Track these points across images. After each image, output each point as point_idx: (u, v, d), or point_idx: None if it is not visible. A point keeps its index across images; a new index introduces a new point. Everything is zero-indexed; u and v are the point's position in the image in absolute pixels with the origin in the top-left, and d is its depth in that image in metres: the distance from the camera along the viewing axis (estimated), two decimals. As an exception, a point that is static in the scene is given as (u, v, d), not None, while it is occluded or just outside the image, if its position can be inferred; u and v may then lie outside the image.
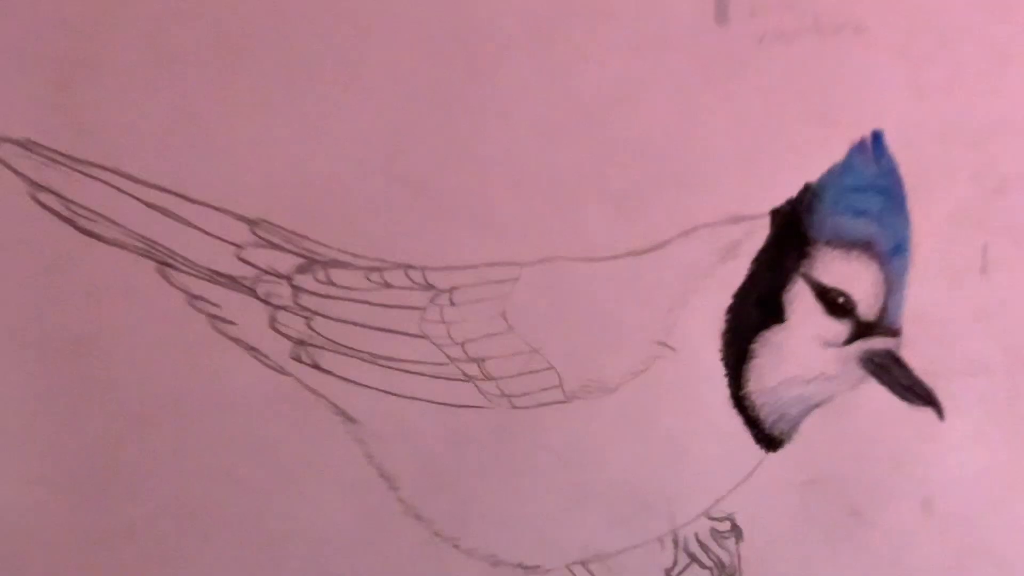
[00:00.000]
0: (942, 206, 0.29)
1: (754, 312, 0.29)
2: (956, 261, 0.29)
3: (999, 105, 0.29)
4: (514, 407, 0.28)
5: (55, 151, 0.27)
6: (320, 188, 0.28)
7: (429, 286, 0.28)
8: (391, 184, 0.28)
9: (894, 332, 0.29)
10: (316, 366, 0.28)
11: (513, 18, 0.27)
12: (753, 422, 0.29)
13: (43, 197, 0.26)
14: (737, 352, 0.29)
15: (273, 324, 0.28)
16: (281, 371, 0.28)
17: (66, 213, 0.27)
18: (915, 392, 0.29)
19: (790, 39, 0.28)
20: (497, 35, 0.27)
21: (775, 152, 0.28)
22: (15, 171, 0.26)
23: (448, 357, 0.28)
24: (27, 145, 0.26)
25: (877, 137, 0.28)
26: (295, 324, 0.28)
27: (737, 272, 0.29)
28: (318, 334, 0.28)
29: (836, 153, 0.29)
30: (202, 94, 0.27)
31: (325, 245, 0.28)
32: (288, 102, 0.27)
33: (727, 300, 0.29)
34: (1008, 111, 0.29)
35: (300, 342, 0.28)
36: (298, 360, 0.28)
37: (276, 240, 0.27)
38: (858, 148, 0.28)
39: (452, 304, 0.28)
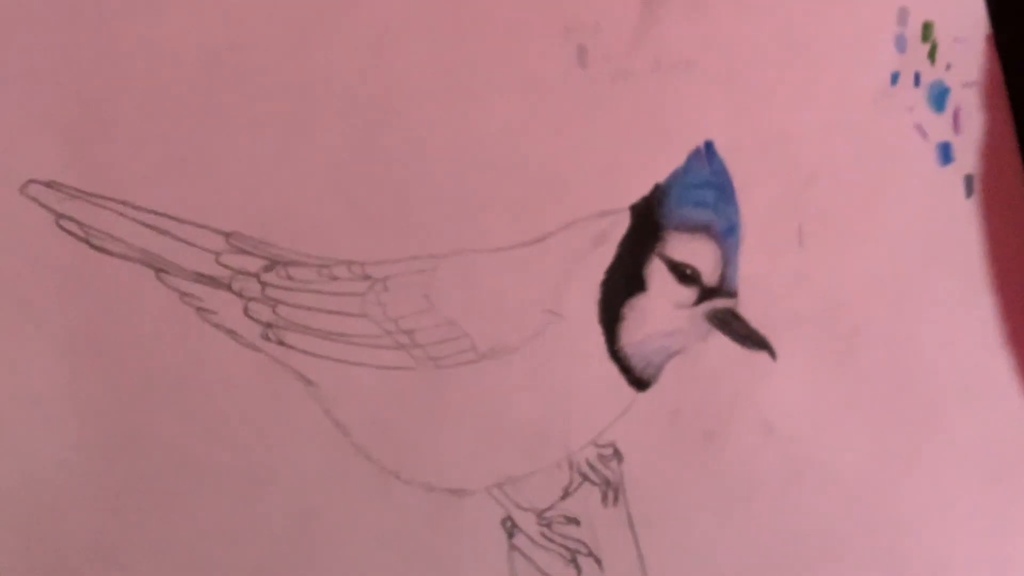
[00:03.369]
0: (763, 196, 0.35)
1: (622, 284, 0.34)
2: (777, 238, 0.36)
3: (805, 114, 0.36)
4: (438, 367, 0.34)
5: (74, 188, 0.32)
6: (279, 207, 0.33)
7: (367, 276, 0.33)
8: (335, 202, 0.33)
9: (732, 294, 0.35)
10: (281, 343, 0.33)
11: (422, 71, 0.33)
12: (626, 369, 0.35)
13: (65, 224, 0.32)
14: (610, 316, 0.34)
15: (246, 312, 0.33)
16: (254, 348, 0.33)
17: (82, 235, 0.32)
18: (752, 339, 0.35)
19: (637, 77, 0.34)
20: (411, 86, 0.33)
21: (631, 162, 0.34)
22: (43, 205, 0.32)
23: (384, 331, 0.33)
24: (51, 185, 0.32)
25: (709, 146, 0.35)
26: (263, 311, 0.33)
27: (607, 255, 0.34)
28: (282, 318, 0.33)
29: (678, 160, 0.35)
30: (187, 140, 0.32)
31: (285, 249, 0.33)
32: (252, 145, 0.33)
33: (600, 276, 0.35)
34: (811, 120, 0.36)
35: (268, 325, 0.33)
36: (267, 339, 0.33)
37: (246, 247, 0.33)
38: (695, 155, 0.35)
39: (386, 289, 0.33)
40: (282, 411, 0.34)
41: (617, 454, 0.35)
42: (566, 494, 0.35)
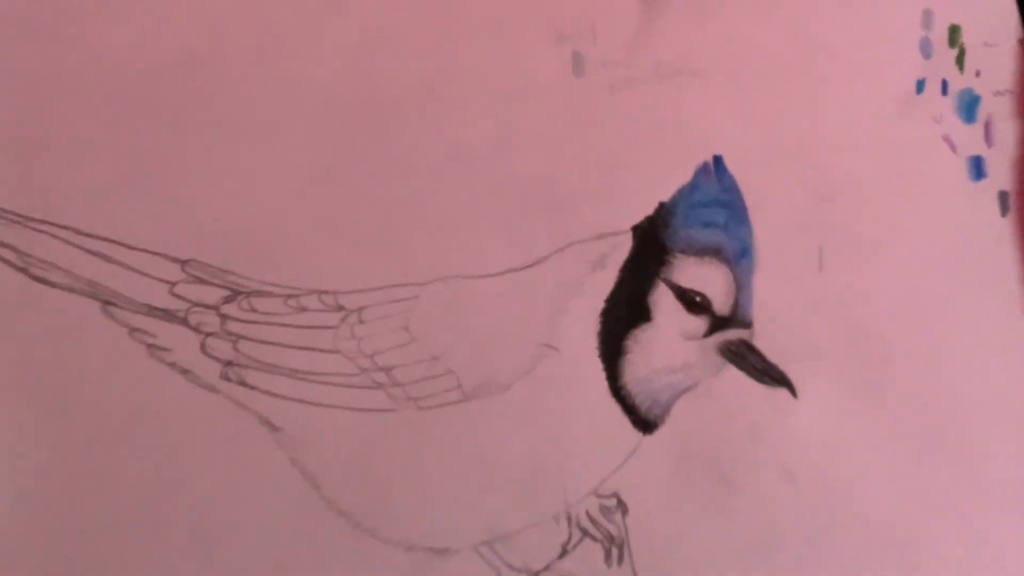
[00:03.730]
0: (779, 215, 0.35)
1: (624, 314, 0.34)
2: (795, 261, 0.35)
3: (823, 127, 0.37)
4: (420, 408, 0.33)
5: (11, 212, 0.31)
6: (242, 230, 0.33)
7: (340, 307, 0.33)
8: (305, 224, 0.33)
9: (746, 324, 0.34)
10: (243, 383, 0.32)
11: (406, 80, 0.33)
12: (630, 409, 0.34)
13: (1, 252, 0.31)
14: (612, 349, 0.34)
15: (204, 349, 0.32)
16: (212, 390, 0.32)
17: (20, 264, 0.31)
18: (769, 374, 0.35)
19: (636, 84, 0.34)
20: (394, 95, 0.33)
21: (632, 179, 0.35)
22: (-25, 232, 0.31)
23: (359, 368, 0.32)
24: (-15, 209, 0.31)
25: (718, 160, 0.35)
26: (223, 348, 0.32)
27: (607, 281, 0.34)
28: (244, 355, 0.32)
29: (684, 176, 0.35)
30: (137, 158, 0.32)
31: (247, 278, 0.33)
32: (213, 161, 0.32)
33: (600, 304, 0.34)
34: (831, 132, 0.37)
35: (228, 363, 0.32)
36: (226, 379, 0.32)
37: (204, 276, 0.32)
38: (702, 170, 0.35)
39: (361, 322, 0.33)
40: (244, 460, 0.33)
41: (621, 505, 0.34)
42: (564, 552, 0.34)
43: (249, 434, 0.32)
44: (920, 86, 0.36)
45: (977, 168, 0.36)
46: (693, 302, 0.33)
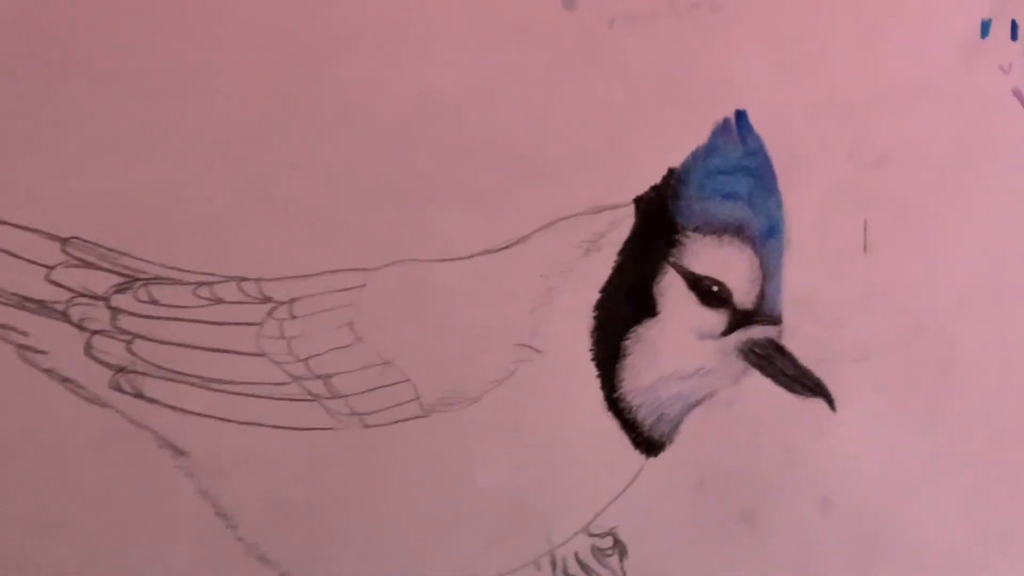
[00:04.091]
0: (817, 184, 0.33)
1: (623, 307, 0.32)
2: (836, 240, 0.33)
3: (871, 77, 0.33)
4: (367, 426, 0.30)
5: None
6: (140, 199, 0.29)
7: (266, 299, 0.30)
8: (221, 192, 0.30)
9: (774, 319, 0.32)
10: (139, 395, 0.29)
11: (354, 14, 0.30)
12: (630, 425, 0.32)
13: None
14: (608, 351, 0.31)
15: (89, 351, 0.29)
16: (100, 403, 0.29)
17: None
18: (802, 382, 0.32)
19: (643, 20, 0.31)
20: (338, 32, 0.30)
21: (635, 138, 0.32)
22: None
23: (290, 375, 0.30)
24: None
25: (741, 116, 0.32)
26: (114, 349, 0.29)
27: (602, 265, 0.32)
28: (140, 359, 0.29)
29: (699, 136, 0.32)
30: (8, 113, 0.28)
31: (147, 261, 0.29)
32: (102, 107, 0.29)
33: (594, 296, 0.32)
34: (881, 83, 0.33)
35: (120, 369, 0.29)
36: (118, 389, 0.29)
37: (91, 259, 0.29)
38: (721, 129, 0.32)
39: (292, 317, 0.30)
40: (140, 492, 0.30)
41: (619, 546, 0.32)
42: (548, 608, 0.32)
43: (147, 459, 0.30)
44: (985, 29, 0.34)
45: (1054, 127, 0.35)
46: (709, 292, 0.31)
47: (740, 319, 0.32)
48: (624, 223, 0.32)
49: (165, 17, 0.29)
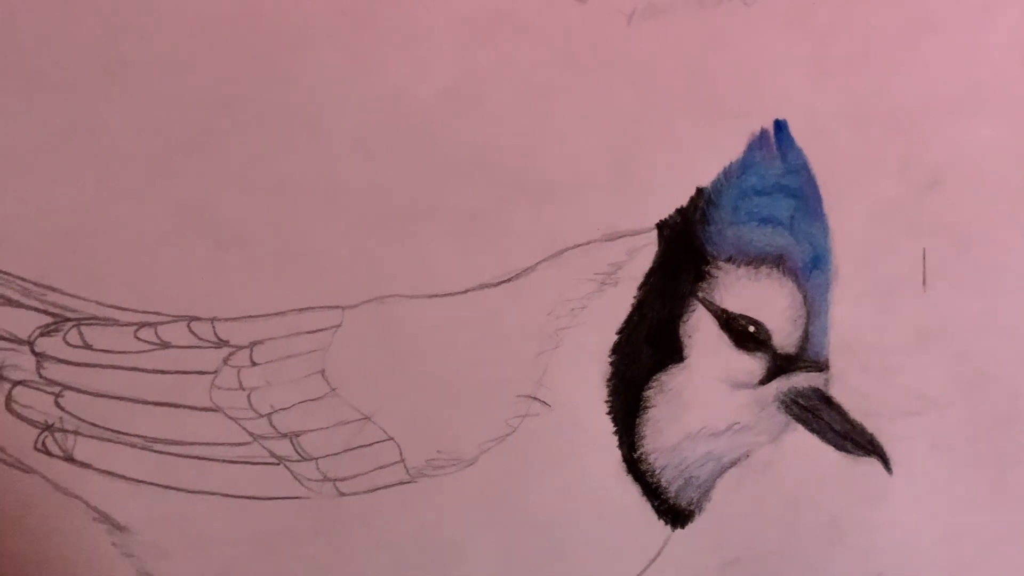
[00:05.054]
0: (866, 206, 0.31)
1: (645, 351, 0.30)
2: (889, 273, 0.31)
3: (925, 81, 0.31)
4: (342, 494, 0.29)
5: None
6: (70, 223, 0.28)
7: (221, 342, 0.29)
8: (166, 213, 0.28)
9: (820, 365, 0.30)
10: (69, 458, 0.28)
11: (315, 3, 0.28)
12: (653, 491, 0.30)
13: None
14: (627, 403, 0.30)
15: (10, 405, 0.28)
16: (23, 468, 0.28)
17: None
18: (853, 439, 0.31)
19: (666, 13, 0.30)
20: (296, 22, 0.28)
21: (657, 152, 0.30)
22: None
23: (250, 434, 0.29)
24: None
25: (780, 127, 0.30)
26: (39, 403, 0.28)
27: (620, 302, 0.30)
28: (71, 415, 0.28)
29: (732, 150, 0.30)
30: None
31: (79, 298, 0.28)
32: (23, 113, 0.28)
33: (610, 338, 0.30)
34: (935, 88, 0.31)
35: (47, 427, 0.28)
36: (45, 452, 0.28)
37: (11, 294, 0.28)
38: (758, 142, 0.30)
39: (253, 364, 0.29)
40: (68, 574, 0.28)
41: None
42: None
43: (79, 535, 0.28)
44: None
45: None
46: (745, 333, 0.30)
47: (781, 365, 0.30)
48: (645, 252, 0.30)
49: (93, 5, 0.27)
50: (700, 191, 0.30)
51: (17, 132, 0.28)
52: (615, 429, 0.30)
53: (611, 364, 0.30)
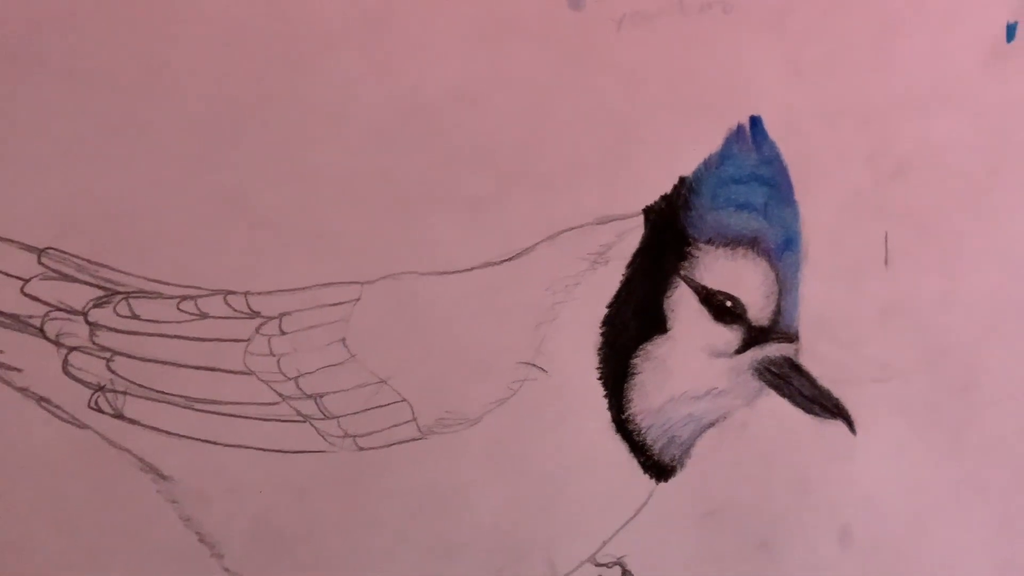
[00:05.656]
0: (835, 194, 0.32)
1: (633, 323, 0.31)
2: (855, 254, 0.33)
3: (890, 80, 0.33)
4: (361, 448, 0.30)
5: None
6: (120, 208, 0.29)
7: (253, 313, 0.29)
8: (204, 199, 0.29)
9: (791, 336, 0.32)
10: (119, 415, 0.29)
11: (338, 8, 0.30)
12: (640, 448, 0.31)
13: None
14: (616, 369, 0.31)
15: (66, 368, 0.29)
16: (78, 424, 0.29)
17: None
18: (821, 403, 0.32)
19: (652, 20, 0.31)
20: (320, 29, 0.30)
21: (644, 145, 0.31)
22: None
23: (279, 395, 0.29)
24: None
25: (755, 122, 0.32)
26: (93, 367, 0.29)
27: (610, 279, 0.31)
28: (120, 377, 0.29)
29: (711, 143, 0.32)
30: None
31: (127, 273, 0.29)
32: (79, 111, 0.29)
33: (601, 311, 0.31)
34: (900, 87, 0.33)
35: (99, 388, 0.29)
36: (97, 410, 0.29)
37: (68, 270, 0.29)
38: (735, 135, 0.32)
39: (281, 333, 0.29)
40: (120, 518, 0.29)
41: None
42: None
43: (128, 483, 0.29)
44: (1011, 32, 0.33)
45: (1084, 137, 0.35)
46: (722, 307, 0.31)
47: (755, 336, 0.31)
48: (632, 234, 0.31)
49: (140, 14, 0.29)
50: (683, 180, 0.32)
51: (73, 128, 0.29)
52: (605, 393, 0.31)
53: (602, 335, 0.31)
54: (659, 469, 0.32)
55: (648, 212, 0.31)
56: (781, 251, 0.32)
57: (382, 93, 0.30)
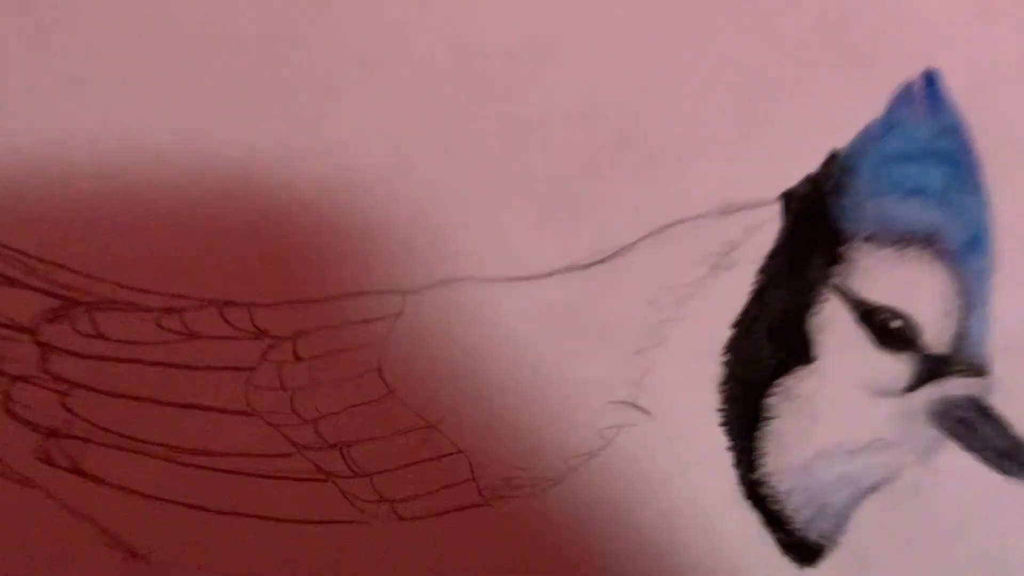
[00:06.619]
0: None
1: (767, 349, 0.28)
2: None
3: None
4: (401, 518, 0.27)
5: None
6: (85, 193, 0.26)
7: (260, 332, 0.27)
8: (194, 182, 0.26)
9: (979, 369, 0.28)
10: (77, 470, 0.26)
11: None
12: (777, 520, 0.28)
13: None
14: (745, 413, 0.28)
15: (9, 405, 0.26)
16: (22, 481, 0.26)
17: None
18: (1019, 460, 0.28)
19: None
20: None
21: (782, 109, 0.28)
22: None
23: (293, 444, 0.27)
24: None
25: (931, 80, 0.28)
26: (43, 404, 0.26)
27: (737, 289, 0.28)
28: (80, 418, 0.26)
29: (873, 106, 0.28)
30: None
31: (92, 277, 0.27)
32: (34, 73, 0.26)
33: (724, 333, 0.27)
34: None
35: (52, 432, 0.26)
36: (48, 462, 0.26)
37: (11, 273, 0.26)
38: (904, 97, 0.28)
39: (296, 359, 0.27)
40: None
41: None
42: None
43: (88, 562, 0.26)
44: None
45: None
46: (888, 329, 0.27)
47: (931, 368, 0.27)
48: (766, 229, 0.28)
49: None
50: (834, 155, 0.28)
51: (25, 72, 0.26)
52: (730, 444, 0.28)
53: (725, 365, 0.28)
54: (803, 549, 0.28)
55: (788, 199, 0.27)
56: (965, 253, 0.28)
57: (434, 39, 0.27)
